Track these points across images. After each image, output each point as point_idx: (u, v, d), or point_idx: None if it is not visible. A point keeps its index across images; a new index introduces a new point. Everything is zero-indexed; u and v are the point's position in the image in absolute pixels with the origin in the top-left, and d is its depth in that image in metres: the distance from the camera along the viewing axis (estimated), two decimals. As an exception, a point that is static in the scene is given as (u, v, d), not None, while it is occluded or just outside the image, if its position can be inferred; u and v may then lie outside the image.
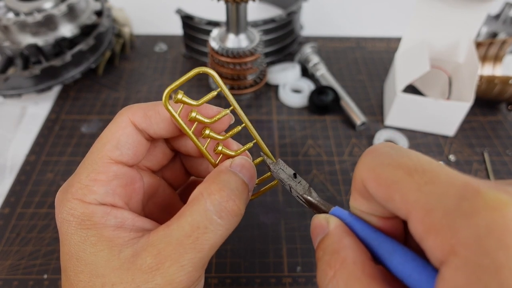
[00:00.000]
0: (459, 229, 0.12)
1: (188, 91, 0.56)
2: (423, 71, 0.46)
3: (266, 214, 0.41)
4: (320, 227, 0.19)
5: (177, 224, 0.19)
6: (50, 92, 0.54)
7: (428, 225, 0.13)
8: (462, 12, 0.49)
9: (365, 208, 0.18)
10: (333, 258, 0.17)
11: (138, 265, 0.19)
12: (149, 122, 0.22)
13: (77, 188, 0.20)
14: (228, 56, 0.49)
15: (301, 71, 0.57)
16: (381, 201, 0.16)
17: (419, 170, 0.15)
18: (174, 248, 0.19)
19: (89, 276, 0.19)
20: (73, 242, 0.20)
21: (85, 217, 0.20)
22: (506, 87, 0.48)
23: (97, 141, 0.22)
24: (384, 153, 0.16)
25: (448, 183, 0.14)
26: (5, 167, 0.46)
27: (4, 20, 0.49)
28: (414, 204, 0.14)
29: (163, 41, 0.65)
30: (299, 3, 0.58)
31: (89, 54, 0.54)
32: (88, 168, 0.21)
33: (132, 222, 0.21)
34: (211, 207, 0.19)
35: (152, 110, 0.22)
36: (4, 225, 0.40)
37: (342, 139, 0.49)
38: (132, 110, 0.22)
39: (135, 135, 0.22)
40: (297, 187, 0.22)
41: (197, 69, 0.22)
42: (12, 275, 0.36)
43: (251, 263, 0.37)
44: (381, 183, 0.15)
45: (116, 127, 0.22)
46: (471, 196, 0.13)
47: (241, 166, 0.22)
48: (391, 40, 0.66)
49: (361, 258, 0.16)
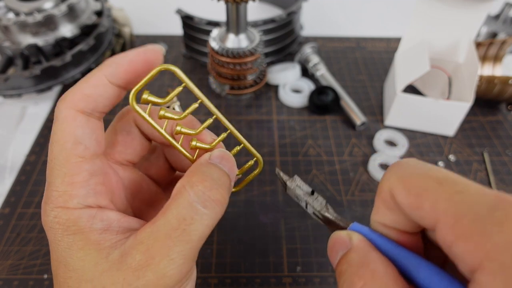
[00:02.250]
0: (493, 235, 0.13)
1: (188, 91, 0.56)
2: (423, 71, 0.46)
3: (266, 214, 0.41)
4: (342, 243, 0.18)
5: (163, 219, 0.19)
6: (50, 92, 0.54)
7: (459, 232, 0.13)
8: (462, 12, 0.49)
9: (389, 220, 0.18)
10: (362, 270, 0.17)
11: (128, 264, 0.19)
12: (93, 99, 0.21)
13: (56, 197, 0.20)
14: (228, 56, 0.49)
15: (301, 71, 0.57)
16: (409, 210, 0.16)
17: (449, 181, 0.15)
18: (162, 242, 0.19)
19: (78, 282, 0.19)
20: (60, 249, 0.20)
21: (70, 223, 0.20)
22: (506, 87, 0.48)
23: (52, 145, 0.20)
24: (412, 165, 0.17)
25: (479, 194, 0.14)
26: (5, 167, 0.46)
27: (4, 20, 0.49)
28: (444, 211, 0.14)
29: (163, 41, 0.65)
30: (299, 3, 0.58)
31: (89, 54, 0.54)
32: (60, 174, 0.20)
33: (118, 224, 0.21)
34: (195, 197, 0.19)
35: (88, 87, 0.21)
36: (4, 225, 0.40)
37: (342, 139, 0.49)
38: (68, 97, 0.20)
39: (88, 122, 0.21)
40: (314, 203, 0.22)
41: (160, 67, 0.21)
42: (12, 275, 0.36)
43: (251, 263, 0.37)
44: (410, 192, 0.16)
45: (64, 124, 0.20)
46: (504, 206, 0.13)
47: (221, 157, 0.22)
48: (391, 40, 0.66)
49: (392, 271, 0.16)
